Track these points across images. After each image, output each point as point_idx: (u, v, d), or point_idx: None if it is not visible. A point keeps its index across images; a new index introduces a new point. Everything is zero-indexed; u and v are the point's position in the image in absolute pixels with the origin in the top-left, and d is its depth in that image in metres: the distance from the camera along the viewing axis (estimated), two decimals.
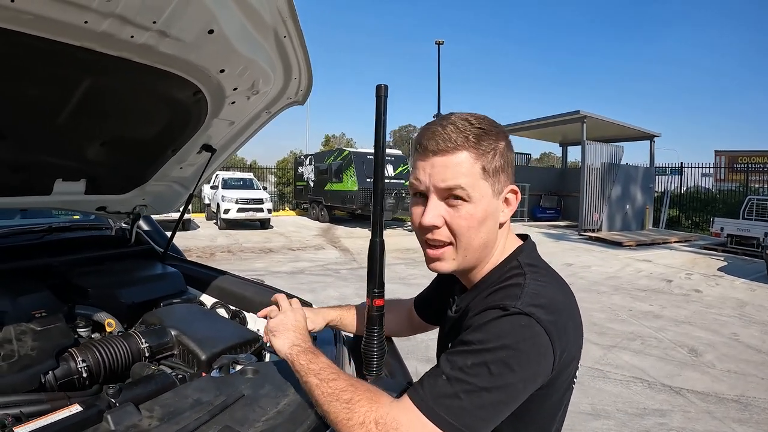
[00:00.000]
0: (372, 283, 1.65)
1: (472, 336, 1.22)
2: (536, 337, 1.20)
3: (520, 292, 1.27)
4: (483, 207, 1.36)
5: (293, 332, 1.63)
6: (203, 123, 2.64)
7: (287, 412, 1.61)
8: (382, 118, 1.57)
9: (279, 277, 12.35)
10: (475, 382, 1.16)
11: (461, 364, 1.18)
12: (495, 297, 1.31)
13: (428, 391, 1.19)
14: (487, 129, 1.35)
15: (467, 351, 1.20)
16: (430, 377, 1.23)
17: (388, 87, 1.58)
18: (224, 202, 23.18)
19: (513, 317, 1.20)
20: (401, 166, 25.56)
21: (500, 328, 1.20)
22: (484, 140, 1.34)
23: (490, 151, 1.34)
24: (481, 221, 1.36)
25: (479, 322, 1.24)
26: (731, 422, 5.46)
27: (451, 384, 1.17)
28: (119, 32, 1.77)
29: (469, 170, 1.33)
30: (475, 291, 1.49)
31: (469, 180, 1.33)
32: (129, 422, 1.53)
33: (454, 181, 1.32)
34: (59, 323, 2.26)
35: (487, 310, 1.25)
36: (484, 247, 1.43)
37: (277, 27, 2.03)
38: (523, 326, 1.19)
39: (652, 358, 7.36)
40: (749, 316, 9.86)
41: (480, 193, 1.34)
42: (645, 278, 13.70)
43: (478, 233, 1.38)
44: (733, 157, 33.17)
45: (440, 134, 1.33)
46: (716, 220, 20.42)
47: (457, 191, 1.33)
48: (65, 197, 2.99)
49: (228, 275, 3.29)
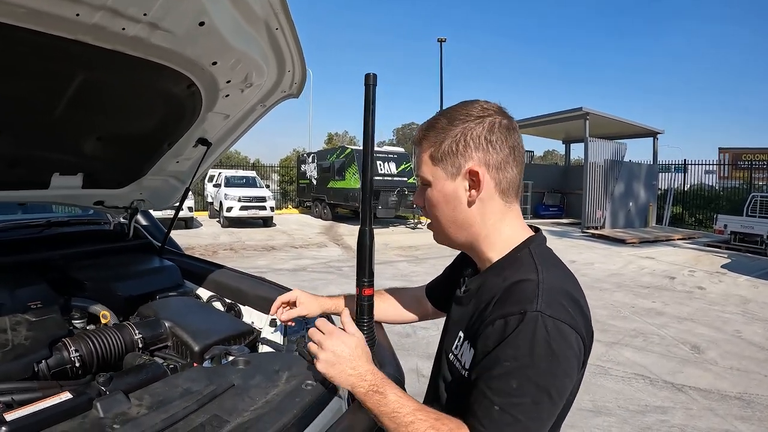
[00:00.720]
0: (361, 272, 1.65)
1: (502, 353, 1.23)
2: (566, 336, 1.23)
3: (537, 290, 1.28)
4: (438, 189, 1.50)
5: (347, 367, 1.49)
6: (198, 116, 2.64)
7: (275, 402, 1.62)
8: (371, 107, 1.58)
9: (281, 274, 12.37)
10: (527, 401, 1.19)
11: (507, 389, 1.20)
12: (510, 297, 1.31)
13: (490, 426, 1.21)
14: (434, 123, 1.50)
15: (506, 373, 1.21)
16: (484, 412, 1.23)
17: (376, 76, 1.59)
18: (227, 200, 23.24)
19: (537, 322, 1.22)
20: (404, 164, 25.55)
21: (528, 337, 1.21)
22: (431, 132, 1.49)
23: (433, 140, 1.48)
24: (440, 201, 1.51)
25: (504, 334, 1.24)
26: (733, 419, 5.45)
27: (506, 412, 1.19)
28: (111, 25, 1.77)
29: (424, 160, 1.51)
30: (485, 275, 1.52)
31: (426, 168, 1.51)
32: (118, 410, 1.55)
33: (417, 171, 1.55)
34: (54, 314, 2.28)
35: (507, 317, 1.26)
36: (458, 225, 1.51)
37: (268, 19, 2.03)
38: (549, 330, 1.21)
39: (654, 355, 7.36)
40: (752, 314, 9.84)
41: (435, 176, 1.49)
42: (648, 275, 13.68)
43: (442, 212, 1.52)
44: (737, 154, 33.11)
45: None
46: (720, 218, 20.34)
47: (420, 180, 1.54)
48: (63, 191, 2.99)
49: (225, 269, 3.30)
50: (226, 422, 1.50)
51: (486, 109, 1.45)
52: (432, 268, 13.47)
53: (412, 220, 26.74)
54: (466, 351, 1.42)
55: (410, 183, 25.39)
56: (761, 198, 19.68)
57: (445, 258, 10.29)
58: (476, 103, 1.48)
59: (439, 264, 11.86)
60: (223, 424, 1.49)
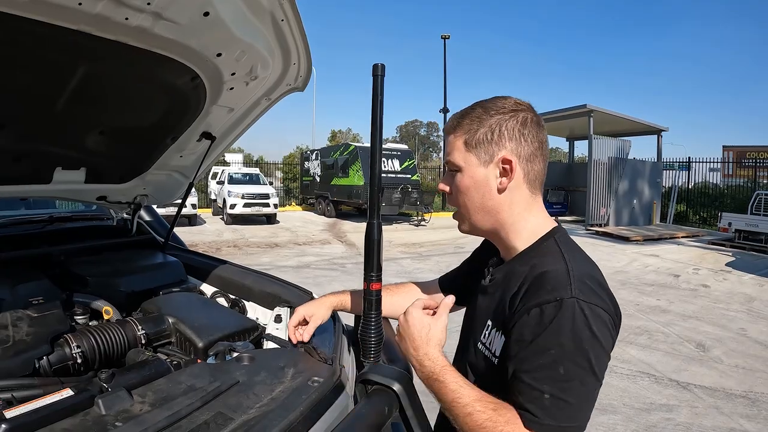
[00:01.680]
0: (369, 266, 1.63)
1: (545, 341, 1.27)
2: (602, 318, 1.29)
3: (569, 277, 1.34)
4: (469, 174, 1.53)
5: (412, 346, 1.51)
6: (202, 110, 2.61)
7: (281, 399, 1.60)
8: (379, 98, 1.57)
9: (284, 271, 12.34)
10: (575, 384, 1.25)
11: (555, 376, 1.25)
12: (543, 285, 1.35)
13: (546, 416, 1.25)
14: (470, 111, 1.55)
15: (553, 361, 1.26)
16: (536, 403, 1.26)
17: (384, 66, 1.57)
18: (230, 198, 23.21)
19: (575, 308, 1.27)
20: (407, 161, 25.58)
21: (569, 324, 1.26)
22: (466, 118, 1.54)
23: (469, 126, 1.52)
24: (469, 187, 1.54)
25: (543, 322, 1.29)
26: (739, 418, 5.42)
27: (557, 398, 1.24)
28: (114, 14, 1.75)
29: (457, 146, 1.55)
30: (512, 264, 1.56)
31: (458, 154, 1.54)
32: (120, 407, 1.53)
33: (447, 156, 1.59)
34: (56, 310, 2.26)
35: (543, 306, 1.30)
36: (485, 212, 1.55)
37: (274, 10, 2.01)
38: (586, 313, 1.27)
39: (659, 353, 7.33)
40: (757, 312, 9.80)
41: (467, 162, 1.53)
42: (652, 273, 13.65)
43: (471, 198, 1.54)
44: (742, 152, 33.08)
45: (447, 122, 1.61)
46: (724, 216, 20.28)
47: (450, 164, 1.58)
48: (65, 186, 2.98)
49: (228, 264, 3.28)
50: (231, 419, 1.48)
51: (519, 104, 1.53)
52: (436, 266, 13.53)
53: (416, 217, 26.72)
54: (495, 339, 1.46)
55: (414, 180, 25.42)
56: (766, 196, 19.61)
57: (449, 255, 10.28)
58: (510, 98, 1.56)
59: (443, 261, 11.82)
60: (228, 422, 1.46)
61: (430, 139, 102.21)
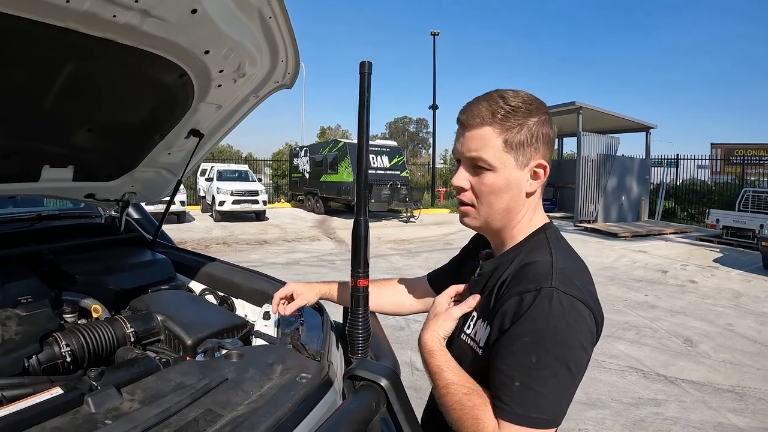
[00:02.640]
0: (356, 263, 1.63)
1: (520, 328, 1.29)
2: (579, 311, 1.29)
3: (551, 269, 1.35)
4: (505, 176, 1.47)
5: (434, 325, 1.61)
6: (190, 107, 2.61)
7: (270, 395, 1.60)
8: (366, 95, 1.56)
9: (274, 268, 12.34)
10: (547, 374, 1.25)
11: (527, 363, 1.26)
12: (526, 275, 1.37)
13: (513, 404, 1.26)
14: (516, 107, 1.44)
15: (524, 348, 1.27)
16: (505, 390, 1.28)
17: (372, 64, 1.57)
18: (219, 194, 23.09)
19: (553, 297, 1.28)
20: (396, 158, 25.59)
21: (545, 312, 1.27)
22: (511, 117, 1.44)
23: (516, 126, 1.44)
24: (502, 188, 1.48)
25: (521, 310, 1.30)
26: (726, 412, 5.47)
27: (527, 387, 1.25)
28: (102, 12, 1.74)
29: (492, 143, 1.44)
30: (501, 258, 1.58)
31: (493, 152, 1.45)
32: (110, 405, 1.53)
33: (477, 153, 1.46)
34: (45, 309, 2.25)
35: (523, 294, 1.32)
36: (507, 212, 1.53)
37: (262, 7, 2.00)
38: (564, 305, 1.27)
39: (647, 348, 7.38)
40: (745, 307, 9.88)
41: (503, 163, 1.46)
42: (640, 269, 13.71)
43: (500, 199, 1.50)
44: (730, 149, 33.24)
45: (471, 110, 1.47)
46: (712, 212, 20.41)
47: (480, 162, 1.47)
48: (53, 184, 2.97)
49: (217, 262, 3.28)
50: (220, 416, 1.48)
51: (544, 105, 1.52)
52: (425, 262, 13.55)
53: (405, 213, 26.73)
54: (481, 329, 1.47)
55: (403, 177, 25.40)
56: (753, 193, 19.78)
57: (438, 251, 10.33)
58: (536, 97, 1.51)
59: (432, 257, 11.85)
60: (217, 419, 1.47)
61: (419, 135, 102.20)
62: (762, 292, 11.40)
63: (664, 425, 5.16)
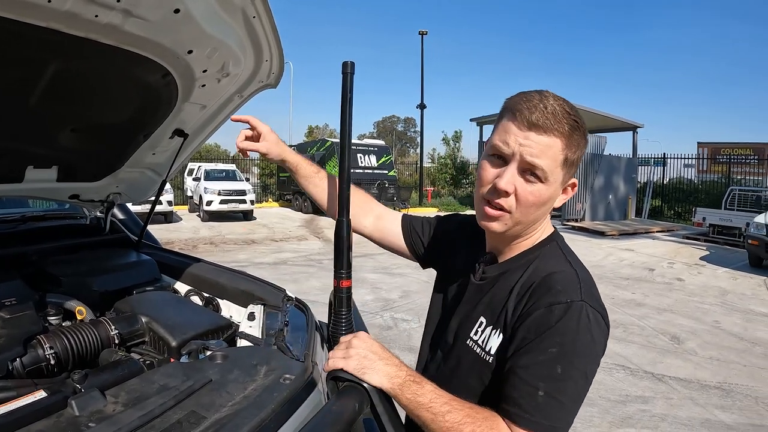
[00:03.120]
0: (339, 263, 1.63)
1: (548, 340, 1.29)
2: (601, 324, 1.33)
3: (578, 281, 1.38)
4: (551, 191, 1.43)
5: (381, 362, 1.40)
6: (174, 107, 2.59)
7: (253, 397, 1.61)
8: (348, 96, 1.57)
9: (262, 268, 12.34)
10: (570, 384, 1.27)
11: (552, 374, 1.26)
12: (553, 286, 1.37)
13: (536, 412, 1.26)
14: (579, 122, 1.39)
15: (552, 359, 1.27)
16: (528, 399, 1.27)
17: (354, 64, 1.58)
18: (207, 194, 23.01)
19: (583, 312, 1.30)
20: (384, 157, 25.62)
21: (574, 325, 1.29)
22: (576, 133, 1.39)
23: (575, 145, 1.40)
24: (545, 202, 1.44)
25: (550, 322, 1.30)
26: (713, 409, 5.52)
27: (551, 397, 1.26)
28: (84, 11, 1.73)
29: (555, 155, 1.37)
30: (508, 264, 1.56)
31: (552, 164, 1.37)
32: (93, 407, 1.53)
33: (540, 161, 1.36)
34: (29, 311, 2.24)
35: (552, 306, 1.32)
36: (534, 223, 1.51)
37: (245, 7, 2.00)
38: (591, 318, 1.30)
39: (634, 346, 7.44)
40: (731, 304, 9.99)
41: (555, 178, 1.41)
42: (628, 267, 13.81)
43: (538, 211, 1.45)
44: (716, 148, 33.40)
45: (543, 111, 1.35)
46: (698, 211, 20.62)
47: (538, 170, 1.37)
48: (37, 185, 2.95)
49: (202, 263, 3.27)
50: (204, 418, 1.48)
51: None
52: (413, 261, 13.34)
53: None
54: (492, 337, 1.45)
55: (390, 176, 25.43)
56: (739, 191, 20.02)
57: None
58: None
59: None
60: (201, 420, 1.47)
61: (407, 134, 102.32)
62: (748, 289, 11.53)
63: (652, 422, 5.20)
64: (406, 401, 1.34)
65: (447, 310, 1.75)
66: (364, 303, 9.09)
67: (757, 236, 13.54)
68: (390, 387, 1.35)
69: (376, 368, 1.37)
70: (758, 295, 10.97)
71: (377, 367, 1.37)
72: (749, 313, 9.42)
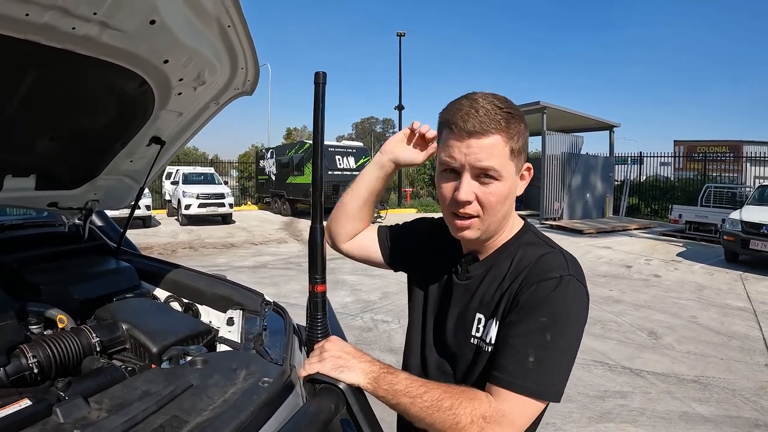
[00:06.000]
0: (314, 269, 1.69)
1: (539, 310, 1.36)
2: (585, 298, 1.42)
3: (564, 258, 1.48)
4: (509, 185, 1.46)
5: (355, 359, 1.43)
6: (151, 115, 2.61)
7: (233, 400, 1.64)
8: (321, 105, 1.60)
9: (241, 272, 12.30)
10: (558, 352, 1.34)
11: (542, 341, 1.33)
12: (542, 267, 1.45)
13: (526, 377, 1.32)
14: (513, 112, 1.43)
15: (542, 328, 1.34)
16: (517, 365, 1.34)
17: (326, 74, 1.61)
18: (185, 198, 22.89)
19: (570, 284, 1.39)
20: (363, 158, 25.59)
21: (564, 297, 1.37)
22: (513, 124, 1.42)
23: (516, 134, 1.43)
24: (507, 197, 1.48)
25: (541, 294, 1.38)
26: (691, 402, 5.59)
27: (540, 362, 1.32)
28: (61, 24, 1.75)
29: (501, 152, 1.41)
30: (492, 260, 1.60)
31: (500, 161, 1.41)
32: (78, 415, 1.55)
33: (488, 162, 1.40)
34: (10, 320, 2.23)
35: (544, 281, 1.40)
36: (504, 218, 1.54)
37: (220, 16, 2.03)
38: (578, 291, 1.40)
39: (612, 342, 7.50)
40: (707, 299, 10.10)
41: (508, 171, 1.44)
42: (605, 264, 13.93)
43: (503, 207, 1.49)
44: (692, 146, 33.76)
45: (475, 116, 1.39)
46: (675, 208, 20.82)
47: (490, 171, 1.41)
48: (15, 194, 2.94)
49: (181, 268, 3.29)
50: (186, 422, 1.51)
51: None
52: None
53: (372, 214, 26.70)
54: (491, 329, 1.49)
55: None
56: (715, 189, 20.26)
57: None
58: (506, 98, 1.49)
59: None
60: (183, 424, 1.50)
61: (386, 136, 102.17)
62: (724, 284, 11.66)
63: (631, 416, 5.26)
64: (384, 392, 1.37)
65: (436, 313, 1.74)
66: (344, 305, 9.08)
67: (733, 232, 13.69)
68: (366, 382, 1.39)
69: (350, 366, 1.41)
70: (734, 289, 11.09)
71: (352, 364, 1.41)
72: (725, 307, 9.53)
